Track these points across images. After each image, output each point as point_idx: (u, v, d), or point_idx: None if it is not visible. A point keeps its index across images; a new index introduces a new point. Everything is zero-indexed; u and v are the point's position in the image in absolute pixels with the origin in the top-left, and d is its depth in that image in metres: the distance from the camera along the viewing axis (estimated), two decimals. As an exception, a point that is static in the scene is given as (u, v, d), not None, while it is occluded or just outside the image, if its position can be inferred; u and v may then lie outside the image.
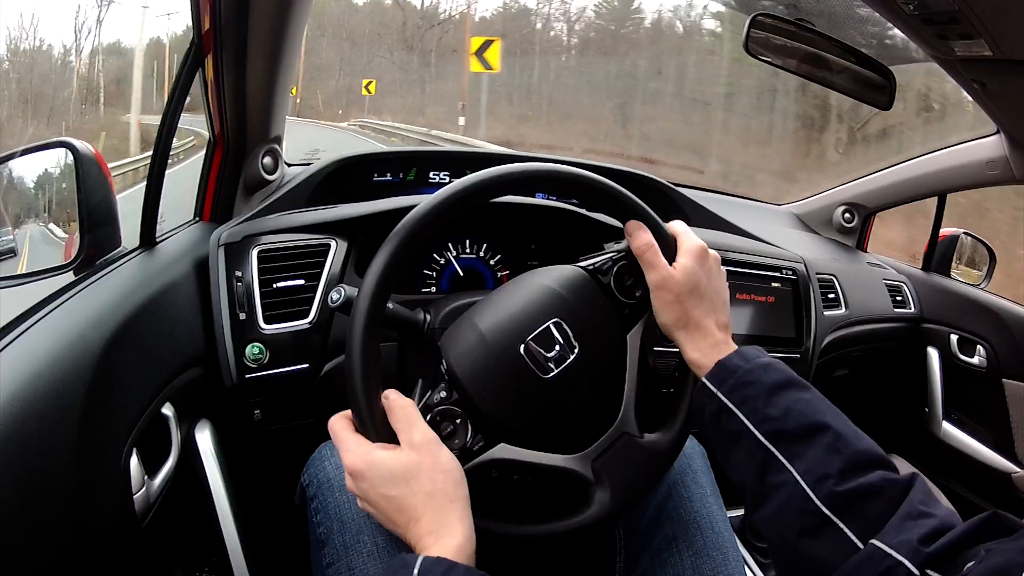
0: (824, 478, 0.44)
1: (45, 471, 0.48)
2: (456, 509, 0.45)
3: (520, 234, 0.97)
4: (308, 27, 0.94)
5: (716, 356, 0.53)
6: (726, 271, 0.60)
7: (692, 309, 0.54)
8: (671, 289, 0.54)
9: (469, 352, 0.53)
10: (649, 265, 0.55)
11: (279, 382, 0.77)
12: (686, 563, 0.62)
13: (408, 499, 0.45)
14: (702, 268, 0.55)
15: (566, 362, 0.53)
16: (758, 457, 0.47)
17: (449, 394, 0.52)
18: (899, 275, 1.37)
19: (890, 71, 0.93)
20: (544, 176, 0.54)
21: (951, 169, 1.25)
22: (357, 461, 0.46)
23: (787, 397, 0.48)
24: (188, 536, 0.82)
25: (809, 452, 0.45)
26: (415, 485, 0.45)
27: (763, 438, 0.47)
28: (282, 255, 0.80)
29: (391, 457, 0.46)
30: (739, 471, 0.49)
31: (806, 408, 0.48)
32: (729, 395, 0.50)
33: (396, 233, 0.49)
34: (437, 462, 0.46)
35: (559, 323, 0.54)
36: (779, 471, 0.46)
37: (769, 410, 0.48)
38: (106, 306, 0.61)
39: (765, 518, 0.47)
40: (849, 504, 0.43)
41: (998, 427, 1.24)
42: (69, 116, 10.11)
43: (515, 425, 0.52)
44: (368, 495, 0.46)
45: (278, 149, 0.98)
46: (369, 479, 0.46)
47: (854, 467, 0.44)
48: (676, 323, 0.55)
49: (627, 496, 0.54)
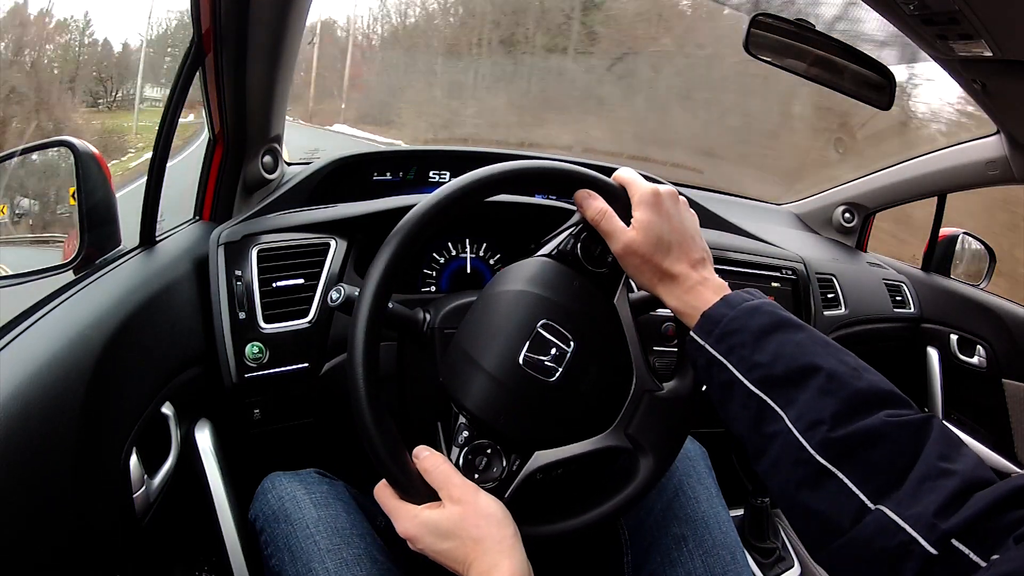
0: (816, 424, 0.41)
1: (45, 470, 0.48)
2: (504, 548, 0.46)
3: (519, 233, 0.97)
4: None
5: (694, 301, 0.51)
6: (726, 271, 0.60)
7: (662, 261, 0.52)
8: (635, 252, 0.52)
9: (475, 386, 0.53)
10: (607, 234, 0.53)
11: (279, 381, 0.77)
12: (697, 562, 0.62)
13: (459, 549, 0.47)
14: (660, 215, 0.52)
15: (567, 357, 0.53)
16: (751, 407, 0.45)
17: (471, 433, 0.53)
18: (899, 275, 1.37)
19: (890, 71, 0.93)
20: (501, 177, 0.53)
21: (951, 169, 1.25)
22: (410, 527, 0.48)
23: (776, 340, 0.45)
24: (188, 535, 0.82)
25: (800, 396, 0.42)
26: (463, 534, 0.47)
27: (753, 387, 0.44)
28: (282, 254, 0.80)
29: (437, 515, 0.48)
30: (736, 423, 0.47)
31: (795, 351, 0.44)
32: (716, 345, 0.47)
33: (396, 232, 0.49)
34: (478, 509, 0.48)
35: (547, 323, 0.53)
36: (773, 420, 0.43)
37: (757, 356, 0.45)
38: (106, 305, 0.61)
39: (764, 471, 0.45)
40: (848, 452, 0.39)
41: (998, 427, 1.24)
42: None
43: (541, 433, 0.53)
44: (428, 553, 0.48)
45: (278, 148, 0.98)
46: (424, 539, 0.48)
47: (850, 409, 0.40)
48: (651, 280, 0.53)
49: (668, 452, 0.55)
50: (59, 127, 7.54)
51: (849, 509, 0.38)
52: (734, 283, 1.02)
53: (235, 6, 0.74)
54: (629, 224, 0.53)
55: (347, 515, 0.62)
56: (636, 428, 0.54)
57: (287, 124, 0.97)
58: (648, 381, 0.55)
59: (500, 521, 0.48)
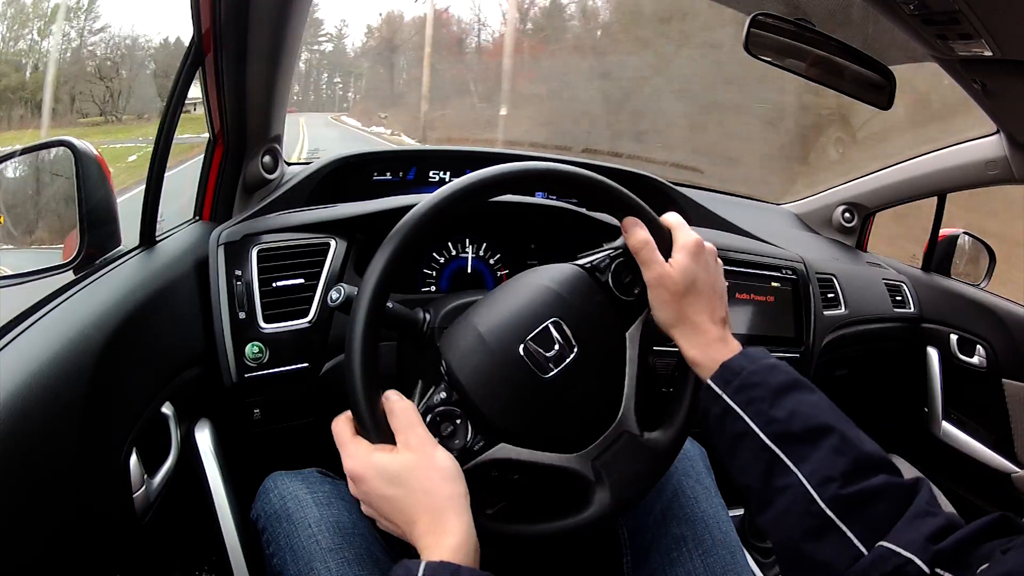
0: (828, 480, 0.44)
1: (45, 470, 0.48)
2: (453, 507, 0.45)
3: (519, 233, 0.97)
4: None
5: (714, 354, 0.53)
6: (725, 270, 0.60)
7: (688, 307, 0.54)
8: (667, 287, 0.54)
9: (469, 353, 0.53)
10: (645, 262, 0.55)
11: (278, 381, 0.77)
12: (696, 562, 0.62)
13: (405, 500, 0.45)
14: (698, 264, 0.55)
15: (565, 361, 0.53)
16: (763, 459, 0.47)
17: (449, 395, 0.52)
18: (899, 275, 1.37)
19: (890, 71, 0.93)
20: (541, 175, 0.54)
21: (951, 169, 1.25)
22: (356, 465, 0.47)
23: (792, 399, 0.48)
24: (188, 535, 0.82)
25: (814, 454, 0.45)
26: (412, 484, 0.45)
27: (768, 440, 0.47)
28: (282, 254, 0.80)
29: (388, 459, 0.46)
30: (744, 474, 0.49)
31: (811, 410, 0.47)
32: (734, 396, 0.49)
33: (396, 232, 0.49)
34: (432, 462, 0.46)
35: (558, 322, 0.54)
36: (784, 473, 0.46)
37: (774, 412, 0.47)
38: (106, 305, 0.61)
39: (769, 520, 0.47)
40: (853, 507, 0.43)
41: (998, 427, 1.24)
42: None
43: (515, 425, 0.52)
44: (369, 498, 0.47)
45: (278, 148, 0.98)
46: (368, 481, 0.46)
47: (858, 470, 0.44)
48: (673, 321, 0.55)
49: (627, 495, 0.54)
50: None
51: (848, 557, 0.42)
52: (734, 283, 1.03)
53: (235, 6, 0.74)
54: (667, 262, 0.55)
55: (349, 515, 0.62)
56: (604, 462, 0.54)
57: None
58: (632, 423, 0.55)
59: (453, 478, 0.46)
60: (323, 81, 27.85)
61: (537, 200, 0.95)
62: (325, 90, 27.81)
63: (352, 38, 33.66)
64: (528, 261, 0.98)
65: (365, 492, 0.47)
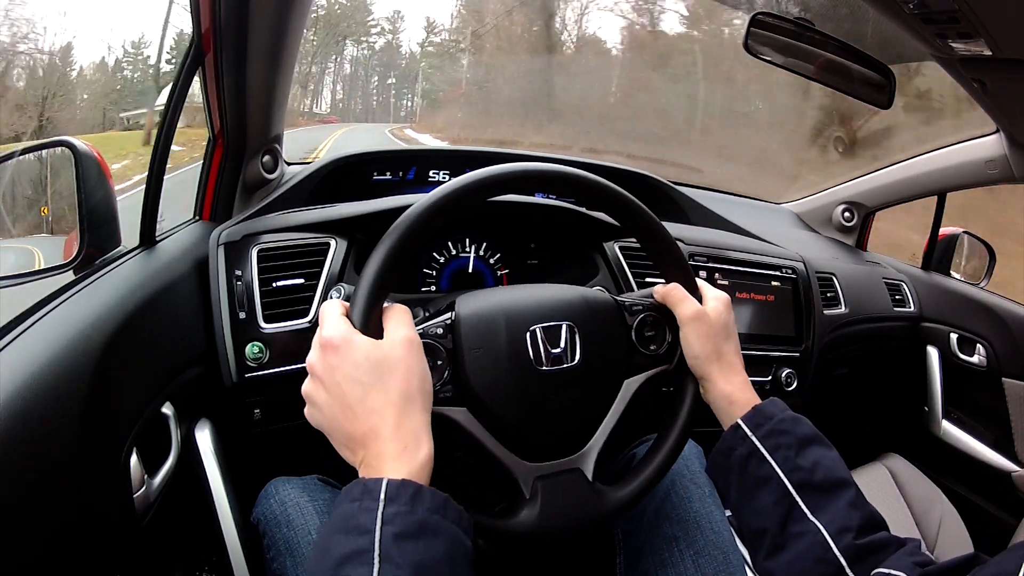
0: (845, 530, 0.47)
1: (45, 470, 0.48)
2: (425, 421, 0.43)
3: (520, 233, 0.97)
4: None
5: (748, 395, 0.54)
6: (726, 270, 0.61)
7: (724, 344, 0.56)
8: (705, 323, 0.56)
9: (482, 310, 0.53)
10: (680, 301, 0.56)
11: (279, 381, 0.77)
12: (688, 563, 0.62)
13: (378, 395, 0.41)
14: (728, 313, 0.58)
15: (562, 365, 0.53)
16: (784, 505, 0.48)
17: (445, 335, 0.52)
18: (899, 274, 1.37)
19: (890, 70, 0.93)
20: (545, 176, 0.53)
21: (950, 168, 1.25)
22: (336, 334, 0.43)
23: (815, 451, 0.50)
24: (188, 535, 0.82)
25: (832, 505, 0.48)
26: (390, 381, 0.42)
27: (791, 487, 0.48)
28: (282, 254, 0.80)
29: (372, 344, 0.43)
30: (759, 517, 0.50)
31: (832, 464, 0.50)
32: (764, 441, 0.51)
33: (394, 230, 0.49)
34: (417, 366, 0.44)
35: (572, 328, 0.54)
36: (801, 520, 0.48)
37: (800, 460, 0.49)
38: (106, 305, 0.61)
39: (783, 564, 0.49)
40: (862, 557, 0.46)
41: (998, 426, 1.24)
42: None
43: (489, 397, 0.51)
44: (332, 378, 0.42)
45: (278, 148, 0.99)
46: (342, 356, 0.42)
47: (869, 524, 0.48)
48: (711, 355, 0.56)
49: (551, 529, 0.51)
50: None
51: None
52: (735, 282, 1.03)
53: (235, 6, 0.74)
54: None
55: None
56: (546, 486, 0.52)
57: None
58: (589, 467, 0.54)
59: (429, 393, 0.45)
60: (372, 84, 21.54)
61: (537, 200, 0.95)
62: (376, 95, 21.87)
63: (413, 33, 28.11)
64: (528, 261, 0.98)
65: (332, 367, 0.42)
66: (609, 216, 0.58)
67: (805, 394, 1.03)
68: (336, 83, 21.52)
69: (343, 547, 0.36)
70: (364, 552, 0.35)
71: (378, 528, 0.36)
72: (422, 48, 20.01)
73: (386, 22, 20.75)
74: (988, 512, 1.24)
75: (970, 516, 1.07)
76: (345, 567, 0.35)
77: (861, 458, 1.16)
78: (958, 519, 1.05)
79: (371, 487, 0.38)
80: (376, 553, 0.35)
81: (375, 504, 0.37)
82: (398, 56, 21.14)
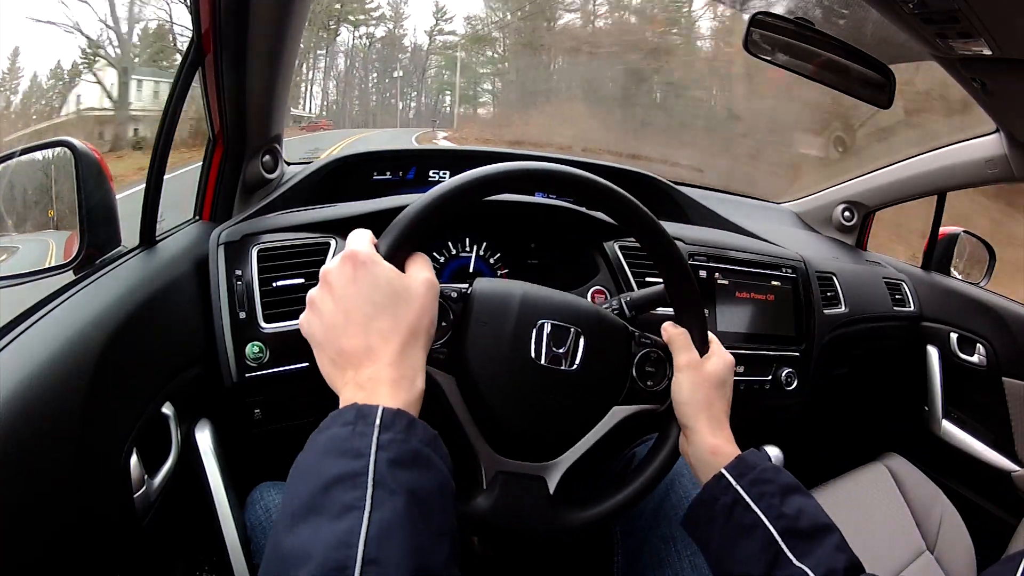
0: (832, 572, 0.47)
1: (45, 470, 0.48)
2: (423, 361, 0.43)
3: (520, 232, 0.97)
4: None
5: (732, 448, 0.54)
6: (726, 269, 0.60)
7: (717, 400, 0.56)
8: (700, 372, 0.56)
9: (499, 290, 0.54)
10: (682, 347, 0.57)
11: (279, 381, 0.77)
12: (684, 563, 0.62)
13: (388, 320, 0.41)
14: (727, 373, 0.57)
15: (559, 366, 0.53)
16: (770, 552, 0.49)
17: (458, 300, 0.52)
18: (899, 273, 1.37)
19: (890, 70, 0.93)
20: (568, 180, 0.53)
21: (950, 167, 1.25)
22: (362, 249, 0.43)
23: (798, 500, 0.51)
24: (188, 536, 0.82)
25: (818, 550, 0.48)
26: (404, 311, 0.42)
27: (777, 534, 0.49)
28: (282, 254, 0.80)
29: (395, 272, 0.44)
30: (745, 564, 0.50)
31: (814, 511, 0.51)
32: (749, 489, 0.51)
33: (436, 190, 0.48)
34: (431, 309, 0.44)
35: (579, 334, 0.54)
36: (787, 566, 0.48)
37: (784, 508, 0.50)
38: (106, 305, 0.61)
39: None
40: None
41: (998, 426, 1.24)
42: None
43: (480, 372, 0.51)
44: (345, 289, 0.42)
45: (278, 148, 0.99)
46: (363, 272, 0.42)
47: (852, 566, 0.48)
48: (702, 405, 0.55)
49: (500, 526, 0.51)
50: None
51: None
52: (735, 282, 1.03)
53: (235, 6, 0.74)
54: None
55: None
56: (505, 484, 0.52)
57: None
58: (554, 481, 0.53)
59: (433, 336, 0.45)
60: (371, 81, 18.05)
61: (537, 199, 0.95)
62: (376, 94, 18.77)
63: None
64: (528, 260, 0.98)
65: (349, 279, 0.42)
66: (639, 242, 0.57)
67: (805, 394, 1.03)
68: (328, 80, 18.61)
69: (334, 469, 0.35)
70: (358, 475, 0.35)
71: (373, 452, 0.36)
72: (461, 44, 16.95)
73: (388, 7, 17.88)
74: (988, 512, 1.24)
75: (970, 516, 1.06)
76: (335, 489, 0.34)
77: (861, 458, 1.16)
78: (958, 519, 1.05)
79: (366, 412, 0.38)
80: (370, 477, 0.35)
81: (370, 429, 0.37)
82: (400, 49, 18.37)
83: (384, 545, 0.32)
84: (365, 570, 0.31)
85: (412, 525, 0.34)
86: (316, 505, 0.34)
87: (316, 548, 0.32)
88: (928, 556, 0.99)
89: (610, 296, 0.90)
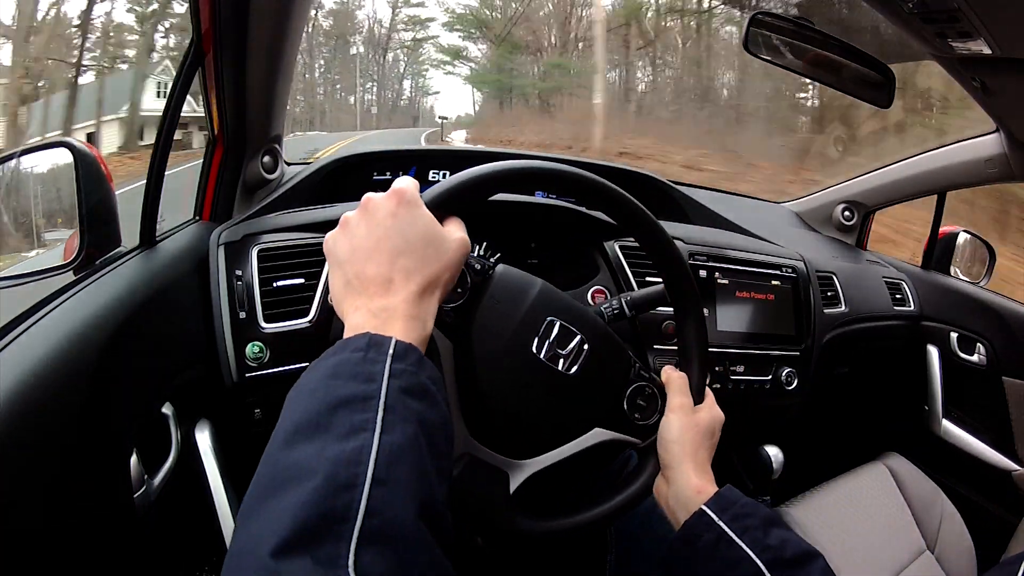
0: None
1: (45, 470, 0.48)
2: (435, 310, 0.44)
3: (519, 232, 0.97)
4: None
5: (714, 488, 0.54)
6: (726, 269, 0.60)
7: (702, 446, 0.56)
8: (692, 417, 0.57)
9: (520, 278, 0.55)
10: (677, 391, 0.58)
11: (279, 381, 0.77)
12: None
13: (416, 261, 0.42)
14: (716, 425, 0.58)
15: (556, 366, 0.54)
16: None
17: (477, 273, 0.53)
18: (899, 273, 1.37)
19: (889, 69, 0.93)
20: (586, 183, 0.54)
21: (950, 167, 1.25)
22: (410, 190, 0.44)
23: (778, 530, 0.51)
24: (188, 536, 0.82)
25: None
26: (433, 259, 0.43)
27: (763, 566, 0.49)
28: (282, 254, 0.80)
29: (435, 222, 0.45)
30: None
31: (796, 540, 0.51)
32: (731, 524, 0.51)
33: (482, 168, 0.50)
34: (458, 267, 0.45)
35: (583, 342, 0.55)
36: None
37: (768, 540, 0.50)
38: (106, 305, 0.61)
39: None
40: None
41: (998, 425, 1.24)
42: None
43: (479, 346, 0.52)
44: (384, 220, 0.43)
45: (278, 148, 0.99)
46: (405, 210, 0.43)
47: None
48: (688, 447, 0.56)
49: (455, 504, 0.51)
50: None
51: None
52: (735, 282, 1.03)
53: (235, 6, 0.74)
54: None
55: None
56: (468, 471, 0.52)
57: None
58: (516, 482, 0.53)
59: (449, 286, 0.45)
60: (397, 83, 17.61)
61: (537, 199, 0.95)
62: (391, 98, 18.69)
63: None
64: (528, 260, 0.98)
65: (390, 212, 0.43)
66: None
67: (805, 393, 1.03)
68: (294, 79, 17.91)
69: (344, 390, 0.35)
70: (369, 399, 0.34)
71: (385, 379, 0.36)
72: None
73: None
74: (989, 511, 1.24)
75: (970, 515, 1.06)
76: (343, 410, 0.34)
77: (861, 458, 1.16)
78: (958, 518, 1.05)
79: (379, 340, 0.38)
80: (381, 401, 0.34)
81: (383, 357, 0.37)
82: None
83: (393, 468, 0.32)
84: (373, 491, 0.31)
85: (420, 453, 0.34)
86: (321, 424, 0.33)
87: (321, 464, 0.31)
88: (928, 556, 0.99)
89: (610, 296, 0.90)
